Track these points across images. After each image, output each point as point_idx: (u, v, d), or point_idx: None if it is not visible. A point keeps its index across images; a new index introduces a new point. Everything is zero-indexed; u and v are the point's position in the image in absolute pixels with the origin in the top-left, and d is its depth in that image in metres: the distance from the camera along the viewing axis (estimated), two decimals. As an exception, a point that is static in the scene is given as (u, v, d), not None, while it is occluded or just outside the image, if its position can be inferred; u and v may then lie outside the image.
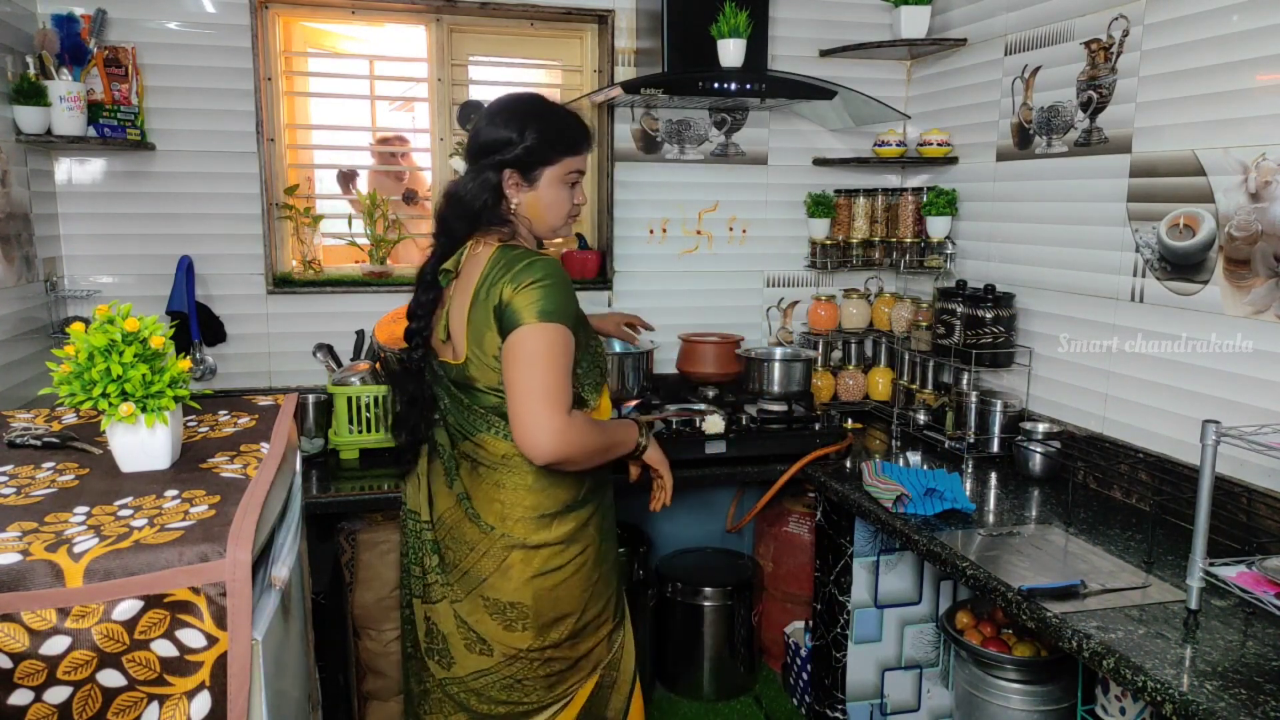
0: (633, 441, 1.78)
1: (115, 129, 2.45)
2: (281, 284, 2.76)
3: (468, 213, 1.64)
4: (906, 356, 2.92)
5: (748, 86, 2.56)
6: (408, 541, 1.80)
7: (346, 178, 3.02)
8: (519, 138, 1.62)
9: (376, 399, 2.44)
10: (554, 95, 3.04)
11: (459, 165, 1.63)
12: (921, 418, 2.74)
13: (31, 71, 2.30)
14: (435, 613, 1.73)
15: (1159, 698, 1.37)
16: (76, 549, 1.05)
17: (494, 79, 3.00)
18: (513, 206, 1.66)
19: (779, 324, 3.20)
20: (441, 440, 1.74)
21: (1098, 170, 2.32)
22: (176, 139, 2.61)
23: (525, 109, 1.67)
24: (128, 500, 1.21)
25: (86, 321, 1.45)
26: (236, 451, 1.44)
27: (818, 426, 2.61)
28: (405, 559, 1.81)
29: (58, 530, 1.10)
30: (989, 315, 2.52)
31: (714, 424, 2.49)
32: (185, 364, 1.34)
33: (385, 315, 2.57)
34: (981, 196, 2.81)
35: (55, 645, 1.03)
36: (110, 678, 1.06)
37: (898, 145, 2.97)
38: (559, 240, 3.15)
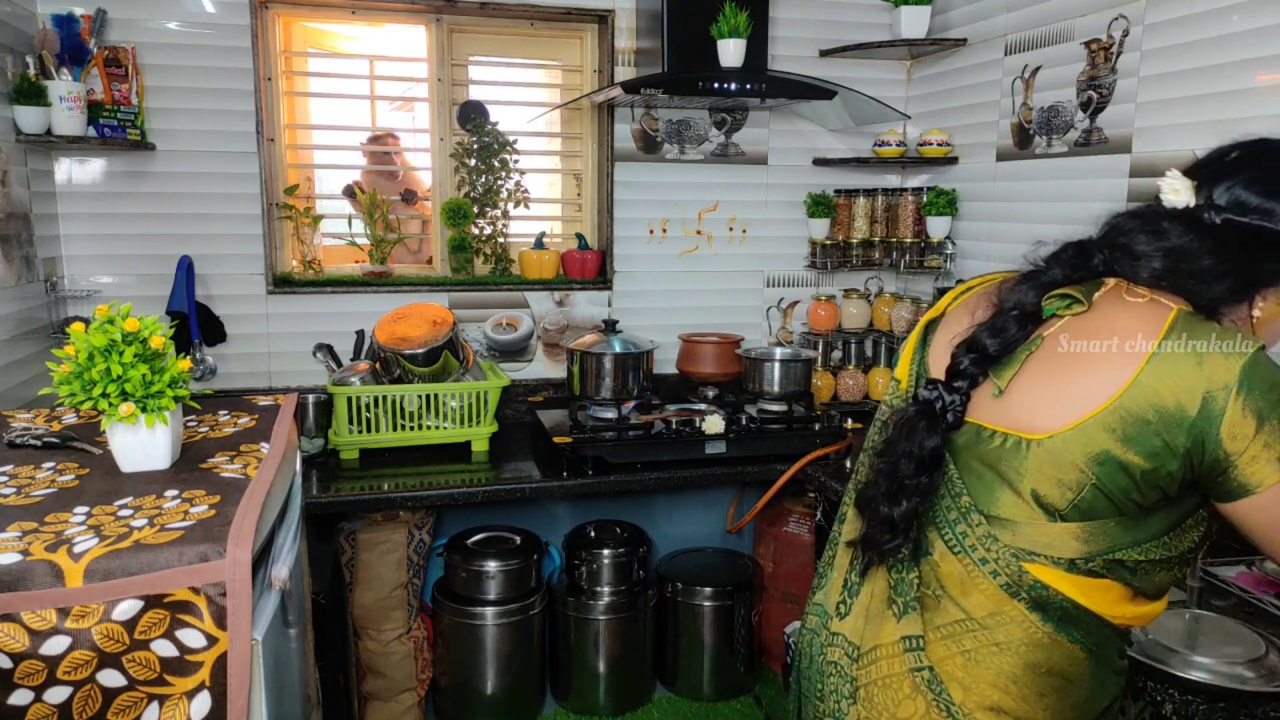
0: None
1: (115, 129, 2.45)
2: (281, 284, 2.76)
3: (1180, 264, 1.12)
4: (906, 356, 2.91)
5: (748, 86, 2.56)
6: (810, 651, 1.26)
7: (350, 192, 3.01)
8: None
9: (376, 399, 2.44)
10: (554, 96, 3.05)
11: (1179, 199, 1.22)
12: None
13: (31, 71, 2.30)
14: None
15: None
16: (76, 549, 1.05)
17: (494, 79, 3.01)
18: (1254, 314, 1.12)
19: (779, 324, 3.20)
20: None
21: (1098, 170, 2.32)
22: (176, 139, 2.61)
23: None
24: (128, 500, 1.22)
25: (86, 321, 1.45)
26: (236, 451, 1.44)
27: (818, 426, 2.61)
28: (800, 671, 1.28)
29: (58, 530, 1.10)
30: (989, 315, 2.51)
31: (714, 424, 2.49)
32: (185, 364, 1.34)
33: (385, 315, 2.57)
34: (981, 196, 2.81)
35: (55, 645, 1.03)
36: (110, 678, 1.06)
37: (898, 145, 2.97)
38: (557, 239, 3.15)
